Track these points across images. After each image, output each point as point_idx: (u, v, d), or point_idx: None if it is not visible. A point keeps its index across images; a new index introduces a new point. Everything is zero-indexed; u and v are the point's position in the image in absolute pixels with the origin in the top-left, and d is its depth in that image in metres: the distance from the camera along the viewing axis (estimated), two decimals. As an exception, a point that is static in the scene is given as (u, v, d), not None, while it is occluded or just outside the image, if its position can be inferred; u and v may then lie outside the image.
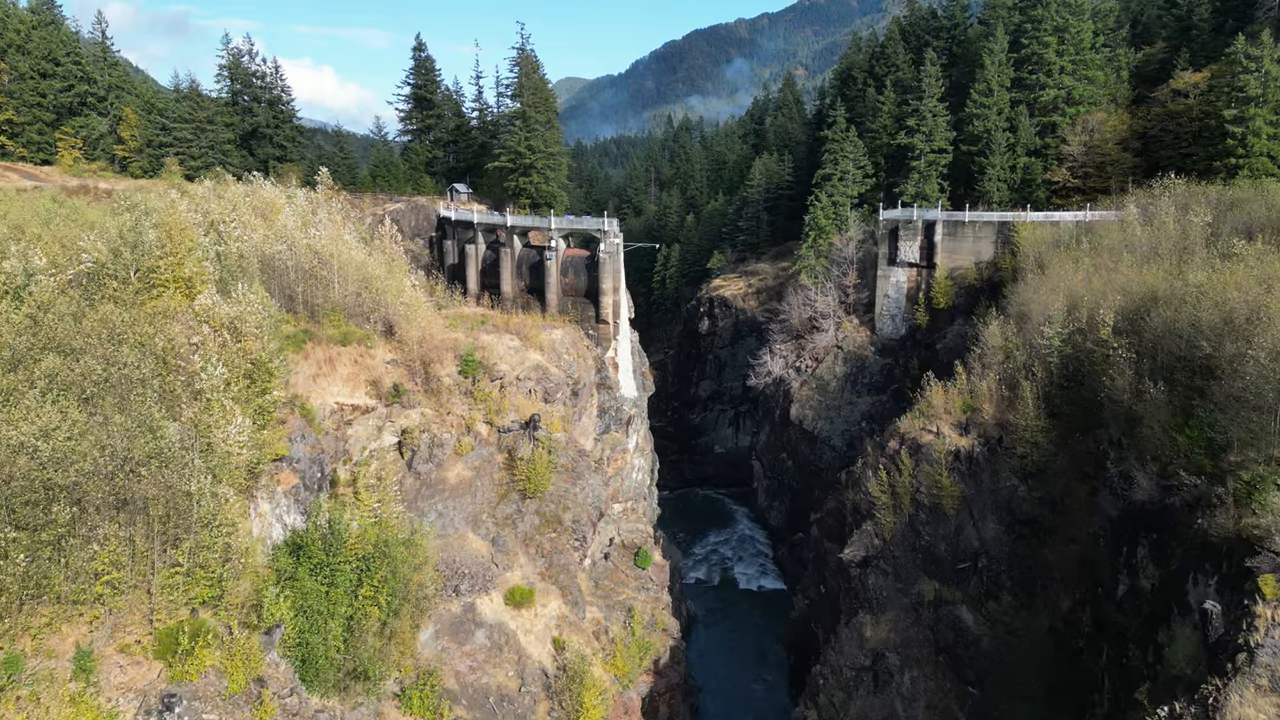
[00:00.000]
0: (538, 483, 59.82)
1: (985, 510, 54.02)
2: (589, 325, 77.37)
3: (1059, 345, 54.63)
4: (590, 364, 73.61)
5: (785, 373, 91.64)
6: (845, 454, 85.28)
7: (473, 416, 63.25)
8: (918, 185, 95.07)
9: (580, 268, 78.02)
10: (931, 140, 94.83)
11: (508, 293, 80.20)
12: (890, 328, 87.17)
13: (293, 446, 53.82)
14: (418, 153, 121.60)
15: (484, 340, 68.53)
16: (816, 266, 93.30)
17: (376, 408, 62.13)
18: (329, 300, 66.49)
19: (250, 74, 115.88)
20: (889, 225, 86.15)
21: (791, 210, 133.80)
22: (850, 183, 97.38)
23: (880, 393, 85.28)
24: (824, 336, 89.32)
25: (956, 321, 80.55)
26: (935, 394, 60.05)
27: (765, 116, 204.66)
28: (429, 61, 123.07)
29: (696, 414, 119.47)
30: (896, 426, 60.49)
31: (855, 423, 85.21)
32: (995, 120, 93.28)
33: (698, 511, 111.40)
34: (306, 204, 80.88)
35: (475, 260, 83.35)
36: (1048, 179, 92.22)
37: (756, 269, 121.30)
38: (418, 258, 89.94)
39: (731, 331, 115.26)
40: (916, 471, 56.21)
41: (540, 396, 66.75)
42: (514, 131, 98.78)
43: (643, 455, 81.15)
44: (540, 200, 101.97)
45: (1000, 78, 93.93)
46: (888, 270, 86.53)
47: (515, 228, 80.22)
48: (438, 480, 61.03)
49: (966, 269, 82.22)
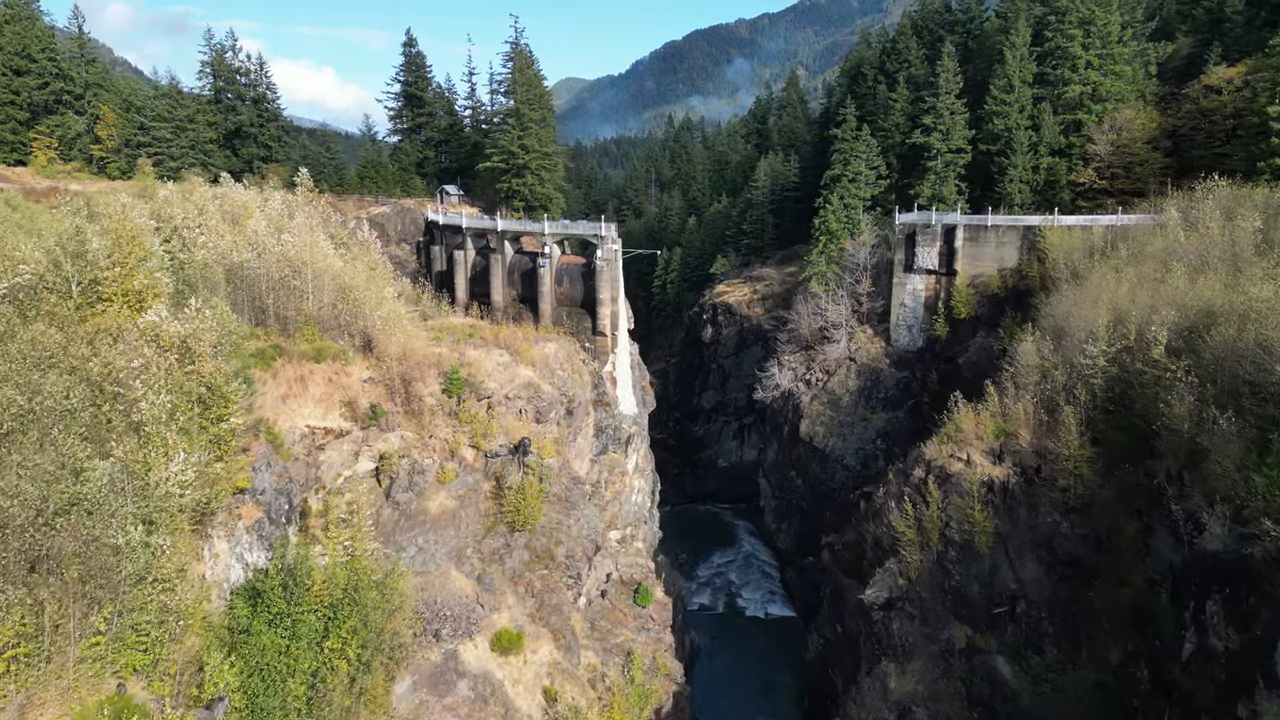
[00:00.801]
0: (528, 514, 54.52)
1: (1023, 548, 48.70)
2: (585, 337, 72.10)
3: (1104, 365, 49.32)
4: (586, 380, 68.31)
5: (794, 386, 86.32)
6: (859, 474, 79.98)
7: (457, 440, 57.98)
8: (934, 187, 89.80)
9: (576, 276, 72.75)
10: (949, 139, 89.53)
11: (498, 302, 74.88)
12: (907, 339, 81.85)
13: (256, 477, 48.68)
14: (408, 153, 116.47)
15: (470, 355, 63.24)
16: (827, 273, 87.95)
17: (352, 431, 56.91)
18: (303, 313, 61.34)
19: (234, 70, 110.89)
20: (905, 229, 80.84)
21: (798, 213, 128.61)
22: (863, 184, 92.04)
23: (896, 408, 79.95)
24: (835, 348, 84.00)
25: (979, 333, 75.22)
26: (964, 417, 54.73)
27: (768, 116, 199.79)
28: (419, 58, 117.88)
29: (699, 426, 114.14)
30: (922, 453, 55.17)
31: (869, 440, 79.89)
32: (1017, 118, 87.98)
33: (701, 529, 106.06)
34: (283, 207, 75.83)
35: (464, 267, 78.06)
36: (1073, 180, 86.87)
37: (762, 274, 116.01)
38: (404, 264, 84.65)
39: (736, 340, 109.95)
40: (945, 504, 50.90)
41: (531, 417, 61.46)
42: (507, 130, 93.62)
43: (643, 476, 75.83)
44: (535, 203, 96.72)
45: (1022, 73, 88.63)
46: (904, 278, 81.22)
47: (506, 233, 74.94)
48: (418, 511, 55.74)
49: (989, 277, 76.89)
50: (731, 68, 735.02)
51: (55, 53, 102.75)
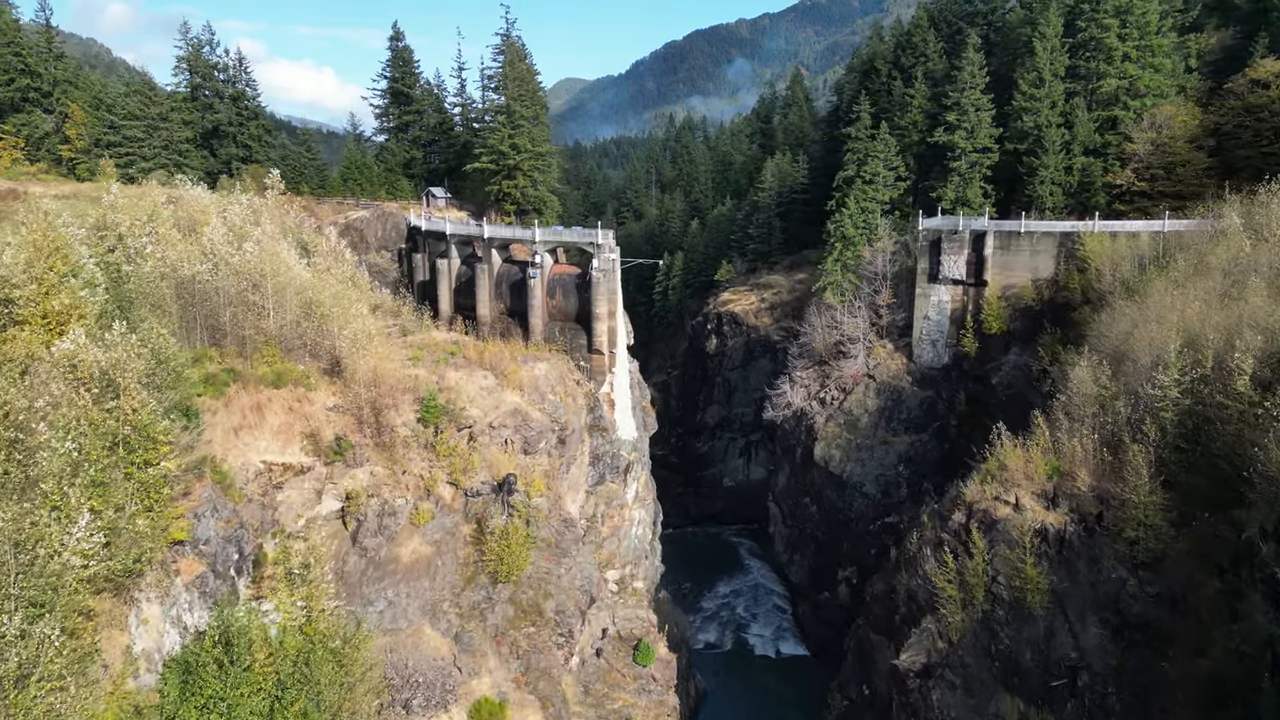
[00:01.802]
0: (512, 563, 47.90)
1: (1084, 609, 42.07)
2: (580, 355, 65.50)
3: (1176, 397, 42.68)
4: (581, 404, 61.70)
5: (807, 405, 79.68)
6: (880, 503, 73.39)
7: (434, 476, 51.34)
8: (958, 189, 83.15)
9: (570, 287, 66.16)
10: (973, 138, 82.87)
11: (485, 316, 68.25)
12: (931, 355, 75.22)
13: (198, 525, 42.12)
14: (394, 153, 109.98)
15: (451, 378, 56.59)
16: (843, 282, 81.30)
17: (314, 467, 50.31)
18: (263, 332, 54.80)
19: (211, 66, 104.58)
20: (929, 236, 74.25)
21: (806, 216, 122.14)
22: (880, 186, 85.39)
23: (920, 431, 73.35)
24: (852, 364, 77.38)
25: (1012, 350, 68.63)
26: (1009, 452, 48.09)
27: (772, 115, 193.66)
28: (407, 52, 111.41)
29: (703, 443, 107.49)
30: (961, 493, 48.54)
31: (891, 466, 73.27)
32: (1047, 114, 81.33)
33: (705, 554, 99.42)
34: (249, 212, 69.33)
35: (448, 277, 71.43)
36: (1109, 182, 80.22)
37: (769, 281, 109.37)
38: (384, 273, 78.02)
39: (743, 352, 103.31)
40: (991, 555, 44.26)
41: (519, 448, 54.84)
42: (497, 129, 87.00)
43: (643, 506, 69.23)
44: (527, 206, 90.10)
45: (1053, 66, 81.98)
46: (928, 288, 74.60)
47: (493, 240, 68.30)
48: (388, 559, 49.11)
49: (1022, 288, 70.32)
50: (732, 68, 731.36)
51: (21, 47, 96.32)
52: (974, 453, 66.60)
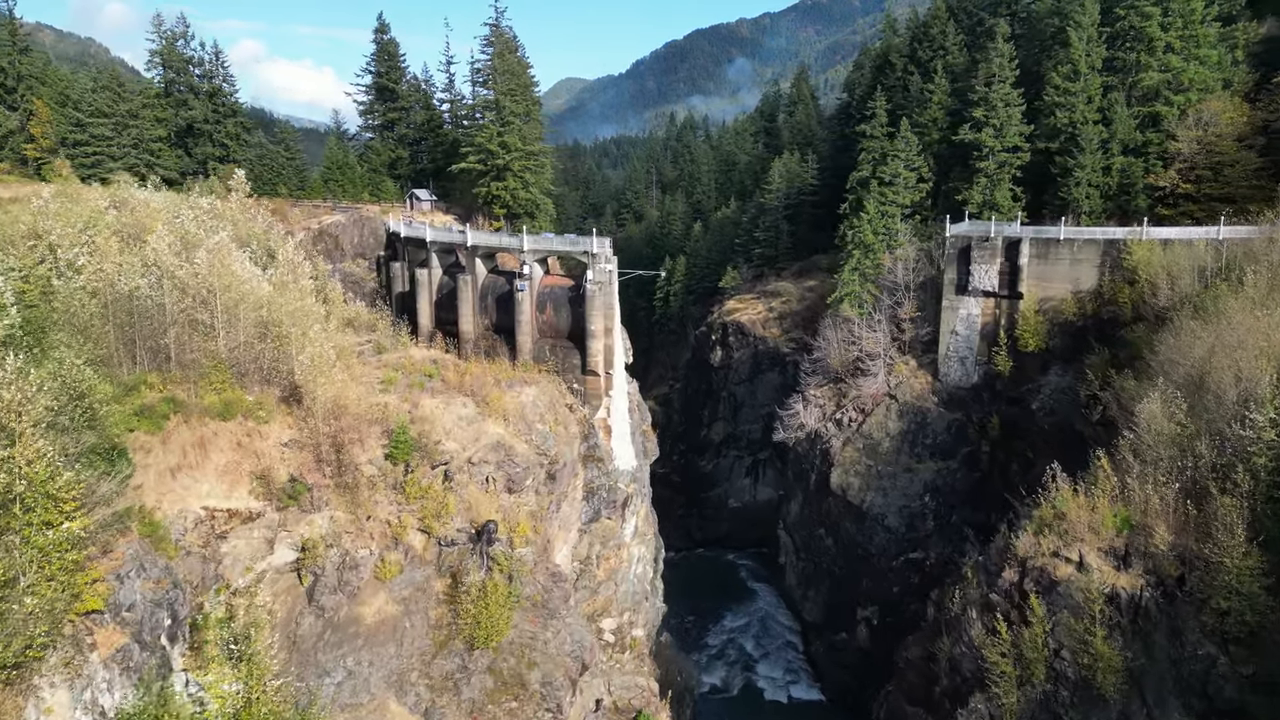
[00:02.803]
0: (491, 627, 41.32)
1: (1164, 692, 35.50)
2: (573, 376, 58.91)
3: (1272, 439, 36.10)
4: (573, 432, 55.12)
5: (822, 426, 73.07)
6: (903, 537, 66.79)
7: (403, 523, 44.77)
8: (985, 192, 76.53)
9: (562, 301, 59.60)
10: (1002, 136, 76.24)
11: (468, 333, 61.64)
12: (959, 373, 68.64)
13: (121, 588, 35.63)
14: (379, 152, 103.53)
15: (426, 407, 50.01)
16: (862, 293, 74.64)
17: (264, 512, 43.78)
18: (212, 355, 48.27)
19: (185, 60, 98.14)
20: (957, 243, 67.64)
21: (815, 219, 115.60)
22: (901, 188, 78.70)
23: (948, 457, 66.76)
24: (872, 382, 70.81)
25: (1052, 370, 62.01)
26: (1067, 499, 41.47)
27: (777, 113, 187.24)
28: (392, 46, 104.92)
29: (707, 461, 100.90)
30: (1011, 545, 41.92)
31: (915, 496, 66.68)
32: (1083, 110, 74.69)
33: (709, 582, 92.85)
34: (208, 217, 62.81)
35: (428, 289, 64.81)
36: (1150, 184, 73.59)
37: (778, 289, 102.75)
38: (360, 284, 71.44)
39: (749, 364, 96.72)
40: (1052, 623, 37.68)
41: (502, 486, 48.28)
42: (485, 126, 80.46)
43: (643, 541, 62.67)
44: (518, 210, 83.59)
45: (1090, 57, 75.33)
46: (956, 300, 67.99)
47: (477, 248, 61.69)
48: (349, 620, 42.54)
49: (1062, 301, 63.75)
50: (733, 67, 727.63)
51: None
52: (1012, 485, 60.25)
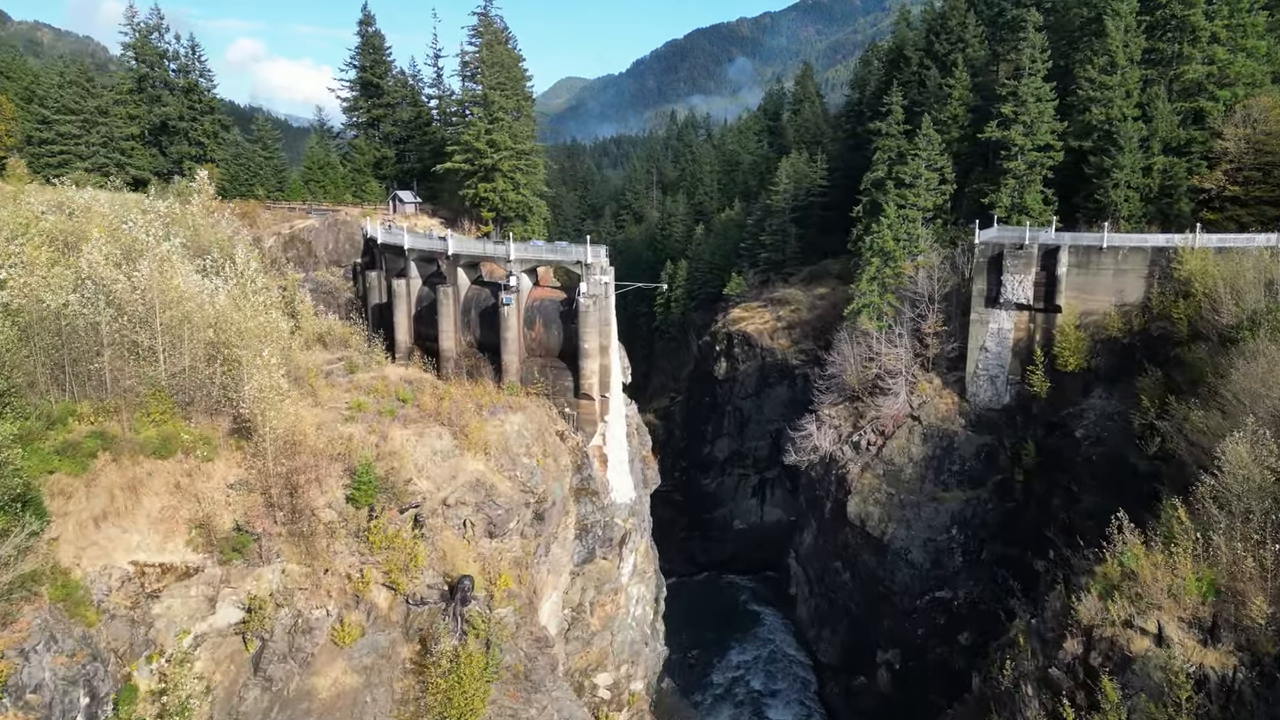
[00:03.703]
0: (465, 705, 35.33)
1: (1269, 797, 29.47)
2: (565, 399, 52.97)
3: (1394, 493, 30.19)
4: (565, 464, 49.15)
5: (838, 449, 67.14)
6: (929, 574, 60.79)
7: (366, 577, 38.83)
8: (1014, 194, 70.59)
9: (553, 316, 53.65)
10: (1033, 133, 70.25)
11: (448, 350, 55.64)
12: (989, 393, 62.69)
13: (25, 665, 30.18)
14: (363, 152, 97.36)
15: (396, 439, 44.01)
16: (881, 305, 68.63)
17: (204, 567, 37.83)
18: (151, 380, 42.36)
19: (160, 54, 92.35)
20: (988, 251, 61.67)
21: (824, 222, 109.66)
22: (923, 190, 72.65)
23: (977, 485, 60.82)
24: (892, 401, 64.89)
25: (1095, 393, 56.01)
26: (1138, 555, 35.49)
27: (781, 111, 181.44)
28: (378, 39, 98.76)
29: (711, 479, 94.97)
30: (1073, 611, 35.89)
31: (942, 529, 60.70)
32: (1121, 105, 68.75)
33: (713, 609, 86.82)
34: (163, 222, 56.82)
35: (406, 301, 58.82)
36: (1194, 185, 67.70)
37: (785, 296, 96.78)
38: (334, 294, 65.46)
39: (756, 377, 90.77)
40: (1128, 708, 31.69)
41: (482, 530, 42.32)
42: (472, 123, 74.46)
43: (643, 580, 56.71)
44: (507, 213, 77.61)
45: (1128, 49, 69.37)
46: (986, 313, 62.04)
47: (460, 257, 55.70)
48: (301, 694, 36.58)
49: (1106, 315, 57.80)
50: (733, 66, 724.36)
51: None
52: (1052, 519, 54.38)
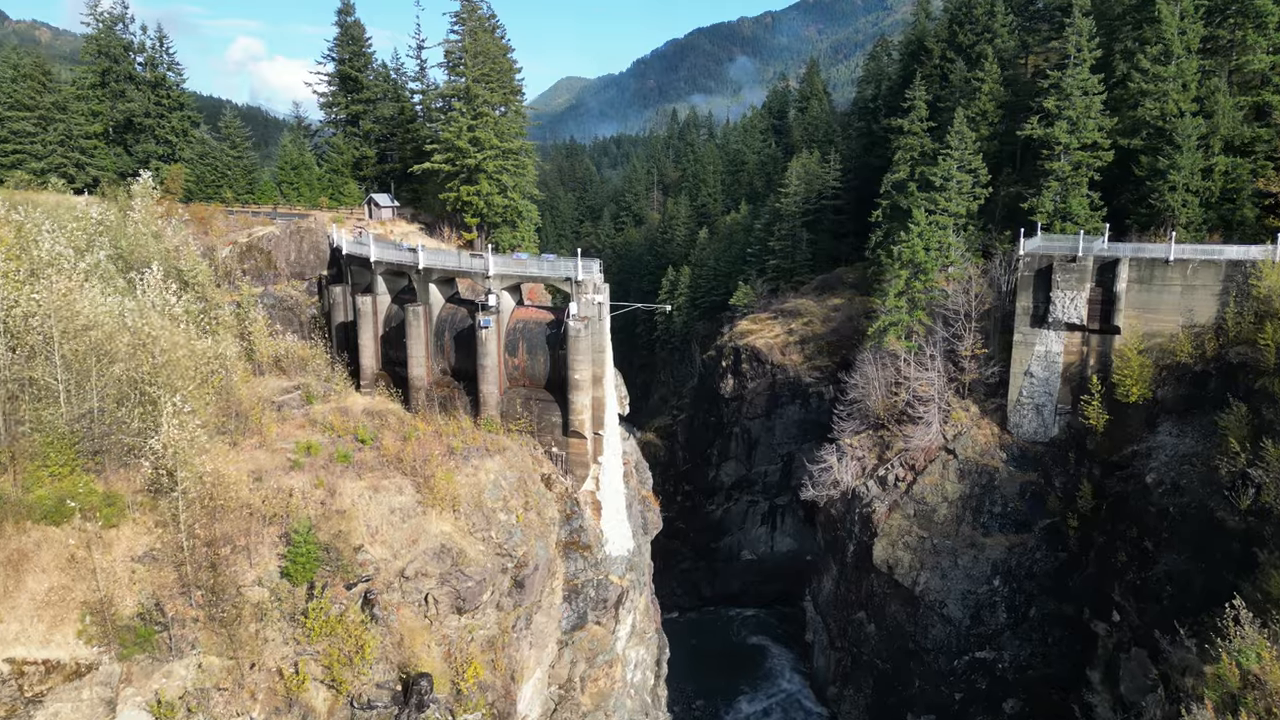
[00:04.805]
0: (418, 846, 28.02)
1: None
2: (552, 437, 45.67)
3: None
4: (551, 516, 41.85)
5: (861, 485, 59.86)
6: (968, 631, 53.44)
7: (301, 673, 31.51)
8: (1057, 199, 63.28)
9: (538, 341, 46.35)
10: (1078, 131, 62.93)
11: (419, 378, 48.30)
12: (1034, 424, 55.39)
13: None
14: (341, 150, 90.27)
15: (346, 494, 36.63)
16: (911, 323, 61.37)
17: (100, 663, 30.69)
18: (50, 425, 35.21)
19: (124, 46, 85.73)
20: (1034, 263, 54.34)
21: (838, 226, 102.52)
22: (954, 194, 65.28)
23: (1022, 530, 53.49)
24: (923, 432, 57.63)
25: (1163, 428, 48.64)
26: (1264, 657, 28.16)
27: (787, 110, 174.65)
28: (357, 29, 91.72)
29: (716, 505, 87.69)
30: (1185, 728, 28.64)
31: (982, 579, 53.36)
32: (1178, 99, 61.43)
33: (719, 650, 79.69)
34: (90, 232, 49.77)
35: (373, 321, 51.50)
36: (1260, 189, 60.40)
37: (797, 307, 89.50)
38: (296, 311, 58.11)
39: (766, 397, 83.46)
40: None
41: (448, 607, 35.01)
42: (454, 118, 67.19)
43: (642, 642, 49.39)
44: (493, 219, 70.36)
45: (1185, 37, 62.08)
46: (1031, 334, 54.73)
47: (433, 271, 48.38)
48: (213, 828, 29.28)
49: (1172, 338, 50.50)
50: (734, 66, 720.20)
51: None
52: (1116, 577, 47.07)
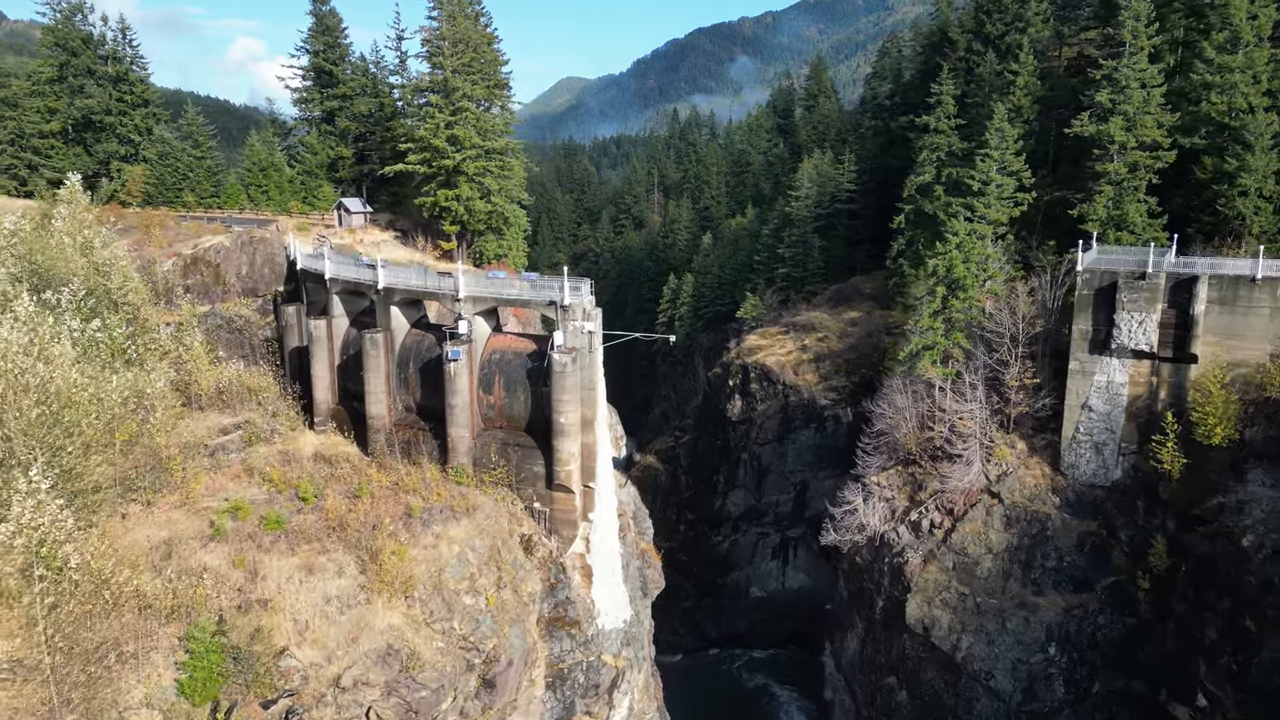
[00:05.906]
0: None
1: None
2: (534, 490, 38.38)
3: None
4: (531, 591, 34.55)
5: (891, 530, 52.59)
6: (1019, 708, 45.99)
7: (196, 829, 24.14)
8: (1110, 205, 55.97)
9: (517, 375, 39.01)
10: (1135, 128, 55.62)
11: (378, 417, 40.92)
12: (1093, 465, 48.05)
13: None
14: (315, 150, 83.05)
15: (271, 577, 29.26)
16: (950, 347, 54.11)
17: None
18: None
19: (84, 39, 79.02)
20: (1094, 280, 46.98)
21: (853, 232, 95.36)
22: (994, 200, 57.89)
23: (1083, 589, 46.10)
24: (963, 471, 50.37)
25: (1252, 475, 41.32)
26: None
27: (792, 109, 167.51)
28: (333, 19, 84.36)
29: (723, 537, 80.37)
30: None
31: (1036, 646, 46.00)
32: (1248, 92, 54.22)
33: (727, 700, 72.46)
34: None
35: (328, 348, 44.16)
36: (1342, 194, 53.25)
37: (811, 320, 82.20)
38: (246, 333, 50.72)
39: (778, 420, 76.12)
40: None
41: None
42: (430, 114, 59.90)
43: (642, 724, 42.10)
44: (475, 226, 63.08)
45: (1257, 24, 54.84)
46: (1090, 361, 47.41)
47: (394, 291, 41.02)
48: None
49: (1261, 369, 43.22)
50: (735, 65, 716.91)
51: None
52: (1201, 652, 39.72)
